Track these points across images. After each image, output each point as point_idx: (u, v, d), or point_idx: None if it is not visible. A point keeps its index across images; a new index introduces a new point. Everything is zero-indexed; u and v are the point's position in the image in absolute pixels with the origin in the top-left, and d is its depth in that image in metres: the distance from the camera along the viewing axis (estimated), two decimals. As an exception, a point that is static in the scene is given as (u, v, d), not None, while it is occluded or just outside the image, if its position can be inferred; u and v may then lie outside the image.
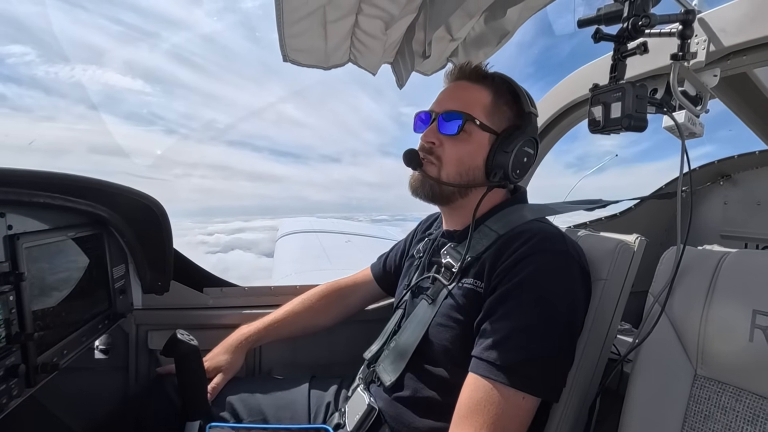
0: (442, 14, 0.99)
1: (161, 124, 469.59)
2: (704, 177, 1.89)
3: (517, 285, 0.72)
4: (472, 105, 0.85)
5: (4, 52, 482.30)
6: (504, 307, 0.72)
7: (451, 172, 0.85)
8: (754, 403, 0.61)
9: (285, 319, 1.14)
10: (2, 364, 0.70)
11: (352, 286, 1.24)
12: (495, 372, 0.68)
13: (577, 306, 0.76)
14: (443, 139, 0.85)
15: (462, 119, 0.83)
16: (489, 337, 0.71)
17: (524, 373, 0.68)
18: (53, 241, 0.86)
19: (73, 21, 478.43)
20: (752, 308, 0.62)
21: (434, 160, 0.86)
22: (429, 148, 0.87)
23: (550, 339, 0.70)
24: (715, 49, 0.88)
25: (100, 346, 1.19)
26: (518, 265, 0.74)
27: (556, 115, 1.41)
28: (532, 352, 0.69)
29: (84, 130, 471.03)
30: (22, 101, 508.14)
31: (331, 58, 1.11)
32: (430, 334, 0.83)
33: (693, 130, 0.87)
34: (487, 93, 0.86)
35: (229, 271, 30.01)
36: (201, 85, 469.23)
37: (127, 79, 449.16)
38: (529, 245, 0.75)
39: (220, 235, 75.78)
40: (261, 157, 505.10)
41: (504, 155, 0.83)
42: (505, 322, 0.71)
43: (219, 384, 1.00)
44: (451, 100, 0.87)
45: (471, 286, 0.80)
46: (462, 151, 0.85)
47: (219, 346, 1.08)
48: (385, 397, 0.86)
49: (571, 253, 0.77)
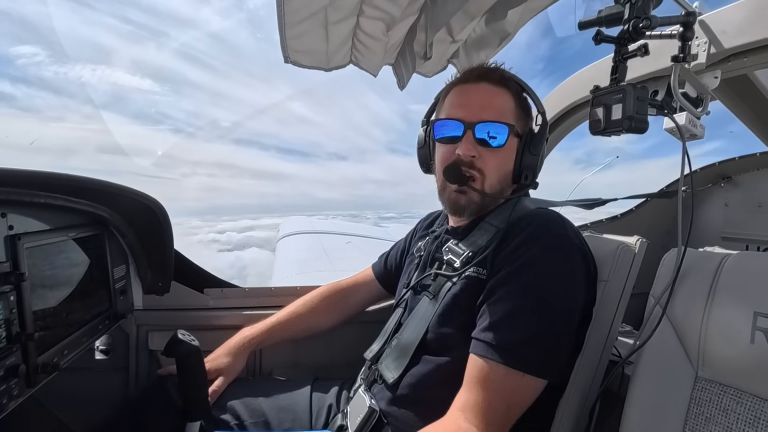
0: (443, 16, 1.00)
1: (169, 123, 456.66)
2: (705, 178, 1.89)
3: (517, 268, 0.74)
4: (507, 113, 0.84)
5: (15, 53, 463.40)
6: (503, 289, 0.74)
7: (493, 183, 0.85)
8: (755, 405, 0.61)
9: (287, 320, 1.14)
10: (3, 364, 0.70)
11: (354, 286, 1.24)
12: (491, 352, 0.70)
13: (577, 289, 0.76)
14: (482, 151, 0.83)
15: (508, 130, 0.82)
16: (487, 317, 0.73)
17: (521, 352, 0.69)
18: (54, 242, 0.86)
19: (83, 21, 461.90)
20: (753, 310, 0.62)
21: (476, 174, 0.84)
22: (471, 162, 0.83)
23: (547, 319, 0.71)
24: (715, 51, 0.88)
25: (100, 346, 1.19)
26: (519, 249, 0.75)
27: (557, 116, 1.41)
28: (528, 332, 0.70)
29: (92, 130, 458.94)
30: (32, 102, 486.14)
31: (332, 59, 1.11)
32: (432, 329, 0.83)
33: (694, 132, 0.87)
34: (510, 97, 0.86)
35: (248, 269, 30.03)
36: (209, 83, 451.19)
37: (136, 79, 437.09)
38: (530, 230, 0.77)
39: (231, 233, 75.94)
40: (268, 156, 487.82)
41: (532, 157, 0.85)
42: (503, 303, 0.73)
43: (220, 387, 1.00)
44: (486, 107, 0.84)
45: (474, 274, 0.81)
46: (501, 160, 0.85)
47: (221, 348, 1.08)
48: (387, 395, 0.85)
49: (570, 237, 0.78)
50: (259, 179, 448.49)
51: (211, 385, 0.98)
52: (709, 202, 1.90)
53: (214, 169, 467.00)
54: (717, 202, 1.88)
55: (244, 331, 1.12)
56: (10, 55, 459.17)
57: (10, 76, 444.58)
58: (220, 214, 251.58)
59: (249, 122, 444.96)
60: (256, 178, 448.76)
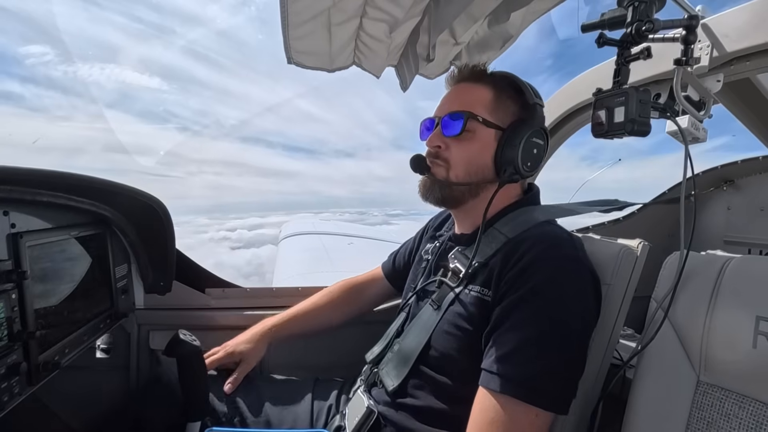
0: (446, 18, 1.00)
1: (176, 122, 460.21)
2: (708, 182, 1.88)
3: (526, 294, 0.70)
4: (473, 103, 0.84)
5: (24, 53, 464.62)
6: (513, 317, 0.70)
7: (460, 173, 0.84)
8: (757, 410, 0.60)
9: (308, 312, 1.17)
10: (4, 362, 0.70)
11: (366, 283, 1.26)
12: (505, 386, 0.65)
13: (589, 313, 0.74)
14: (448, 142, 0.85)
15: (464, 118, 0.82)
16: (498, 349, 0.69)
17: (536, 386, 0.65)
18: (56, 240, 0.87)
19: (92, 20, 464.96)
20: (756, 314, 0.62)
21: (441, 163, 0.86)
22: (435, 152, 0.86)
23: (563, 350, 0.68)
24: (718, 55, 0.88)
25: (101, 345, 1.19)
26: (526, 272, 0.71)
27: (559, 119, 1.41)
28: (544, 365, 0.66)
29: (100, 129, 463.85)
30: (40, 101, 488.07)
31: (335, 60, 1.11)
32: (434, 341, 0.81)
33: (696, 135, 0.87)
34: (488, 90, 0.86)
35: (265, 266, 30.12)
36: (215, 81, 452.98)
37: (144, 77, 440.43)
38: (536, 252, 0.73)
39: (242, 230, 76.14)
40: (275, 153, 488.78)
41: (512, 149, 0.81)
42: (514, 332, 0.68)
43: (240, 374, 1.00)
44: (452, 102, 0.87)
45: (478, 294, 0.78)
46: (468, 150, 0.84)
47: (242, 335, 1.09)
48: (387, 400, 0.85)
49: (581, 258, 0.75)
50: (266, 177, 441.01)
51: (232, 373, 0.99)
52: (711, 205, 1.90)
53: (221, 167, 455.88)
54: (719, 206, 1.87)
55: (267, 320, 1.14)
56: (18, 55, 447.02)
57: (19, 75, 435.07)
58: (227, 212, 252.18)
59: (256, 120, 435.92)
60: (262, 176, 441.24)
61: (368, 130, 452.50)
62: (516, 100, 0.86)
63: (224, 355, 1.03)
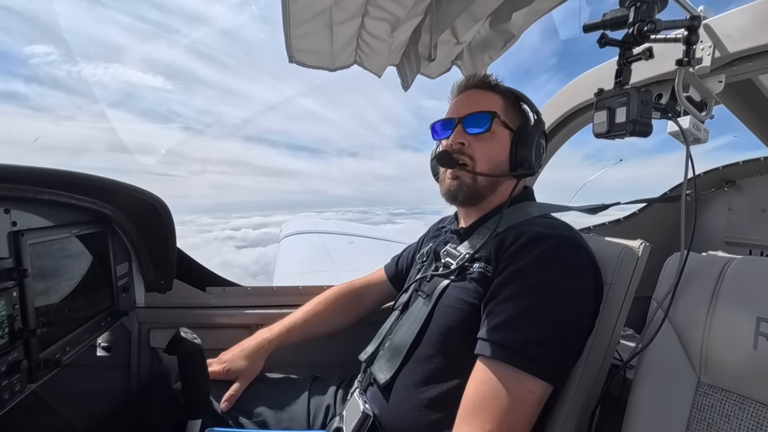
0: (448, 17, 1.00)
1: (179, 121, 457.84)
2: (709, 183, 1.88)
3: (525, 265, 0.73)
4: (492, 106, 0.91)
5: (28, 53, 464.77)
6: (511, 287, 0.72)
7: (483, 167, 0.89)
8: (758, 411, 0.60)
9: (306, 320, 1.14)
10: (5, 359, 0.70)
11: (366, 287, 1.25)
12: (497, 352, 0.68)
13: (587, 292, 0.75)
14: (471, 140, 0.90)
15: (490, 117, 0.88)
16: (495, 317, 0.71)
17: (528, 353, 0.67)
18: (57, 238, 0.87)
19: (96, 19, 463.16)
20: (756, 315, 0.62)
21: (467, 160, 0.90)
22: (459, 148, 0.90)
23: (559, 321, 0.70)
24: (720, 55, 0.88)
25: (102, 343, 1.20)
26: (526, 247, 0.75)
27: (561, 119, 1.41)
28: (538, 333, 0.68)
29: (103, 128, 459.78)
30: (44, 101, 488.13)
31: (336, 59, 1.11)
32: (426, 329, 0.83)
33: (698, 136, 0.87)
34: (499, 97, 0.94)
35: (271, 265, 30.15)
36: (218, 80, 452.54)
37: (148, 77, 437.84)
38: (536, 231, 0.77)
39: (246, 229, 76.13)
40: (278, 152, 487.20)
41: (527, 148, 0.89)
42: (511, 302, 0.71)
43: (237, 391, 0.97)
44: (471, 104, 0.92)
45: (482, 270, 0.81)
46: (490, 147, 0.90)
47: (237, 349, 1.06)
48: (380, 398, 0.85)
49: (579, 240, 0.78)
50: (269, 176, 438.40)
51: (229, 389, 0.97)
52: (712, 206, 1.90)
53: (224, 166, 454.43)
54: (720, 207, 1.87)
55: (262, 332, 1.10)
56: (23, 55, 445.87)
57: (23, 75, 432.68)
58: (230, 212, 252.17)
59: (259, 119, 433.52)
60: (265, 175, 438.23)
61: (372, 129, 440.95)
62: (519, 109, 0.96)
63: (220, 371, 1.00)
